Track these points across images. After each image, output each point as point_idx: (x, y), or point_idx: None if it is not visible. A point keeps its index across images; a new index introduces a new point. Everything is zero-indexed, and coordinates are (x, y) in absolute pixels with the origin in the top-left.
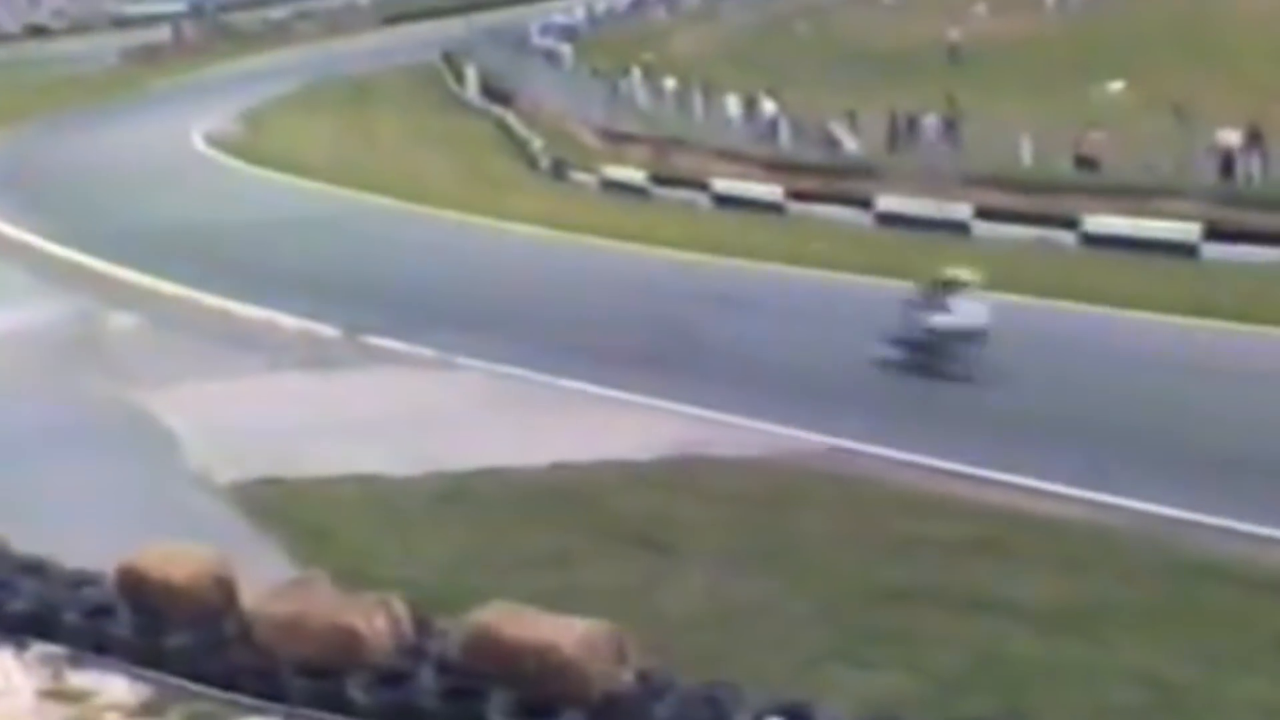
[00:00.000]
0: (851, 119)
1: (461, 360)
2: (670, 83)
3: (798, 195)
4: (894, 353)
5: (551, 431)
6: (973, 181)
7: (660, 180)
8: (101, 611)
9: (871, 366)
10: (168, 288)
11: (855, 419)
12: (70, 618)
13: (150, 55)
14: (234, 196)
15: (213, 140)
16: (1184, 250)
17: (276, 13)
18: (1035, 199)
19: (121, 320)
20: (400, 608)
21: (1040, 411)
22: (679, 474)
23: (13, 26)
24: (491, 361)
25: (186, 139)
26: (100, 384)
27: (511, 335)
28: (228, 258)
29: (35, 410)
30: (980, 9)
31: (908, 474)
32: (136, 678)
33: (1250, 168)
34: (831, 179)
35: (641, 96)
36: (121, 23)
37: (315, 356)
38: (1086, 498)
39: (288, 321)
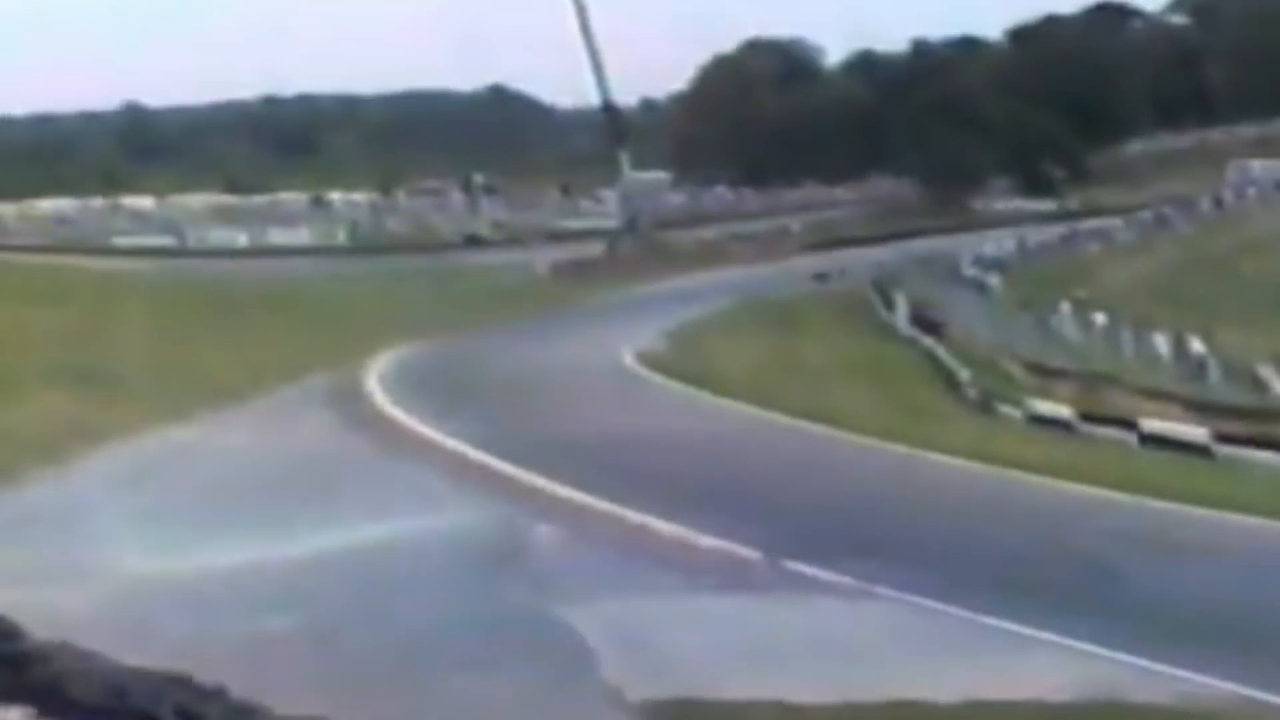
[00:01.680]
0: None
1: (880, 590)
2: (1100, 318)
3: (1226, 438)
4: None
5: (967, 667)
6: None
7: (1087, 417)
8: None
9: None
10: (588, 500)
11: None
12: None
13: (583, 270)
14: (658, 412)
15: (641, 357)
16: None
17: (709, 233)
18: None
19: (542, 531)
20: None
21: None
22: (1095, 718)
23: (452, 236)
24: (910, 592)
25: (615, 355)
26: (518, 595)
27: (930, 565)
28: (649, 473)
29: (453, 617)
30: None
31: None
32: None
33: None
34: (1260, 423)
35: (1071, 331)
36: (557, 236)
37: (734, 579)
38: None
39: (706, 541)
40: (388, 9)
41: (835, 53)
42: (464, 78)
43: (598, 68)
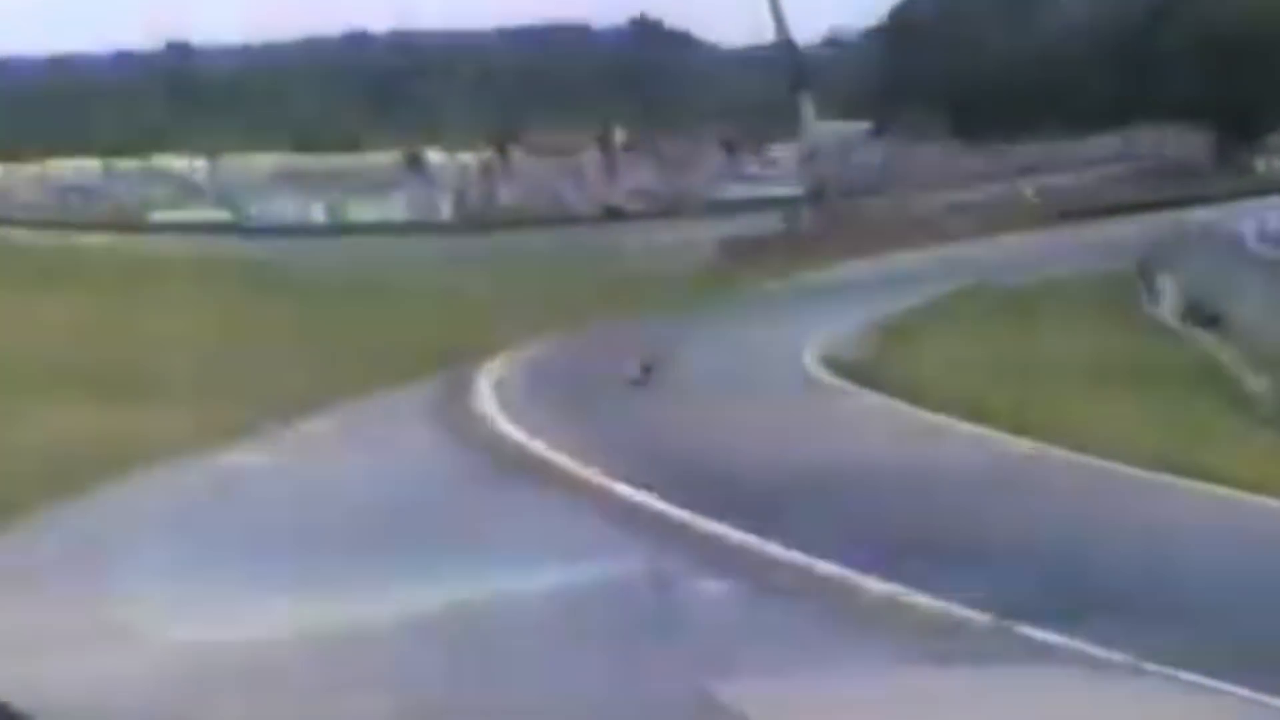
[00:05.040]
0: None
1: (1148, 666)
2: None
3: None
4: None
5: None
6: None
7: None
8: None
9: None
10: (767, 547)
11: None
12: None
13: (757, 249)
14: (853, 435)
15: (828, 361)
16: None
17: (917, 201)
18: None
19: (708, 587)
20: None
21: None
22: None
23: (584, 207)
24: (1169, 664)
25: (795, 358)
26: (676, 667)
27: (1202, 632)
28: (843, 512)
29: (597, 692)
30: None
31: None
32: None
33: None
34: None
35: None
36: (720, 207)
37: (955, 648)
38: None
39: (919, 600)
40: None
41: None
42: (602, 9)
43: None
